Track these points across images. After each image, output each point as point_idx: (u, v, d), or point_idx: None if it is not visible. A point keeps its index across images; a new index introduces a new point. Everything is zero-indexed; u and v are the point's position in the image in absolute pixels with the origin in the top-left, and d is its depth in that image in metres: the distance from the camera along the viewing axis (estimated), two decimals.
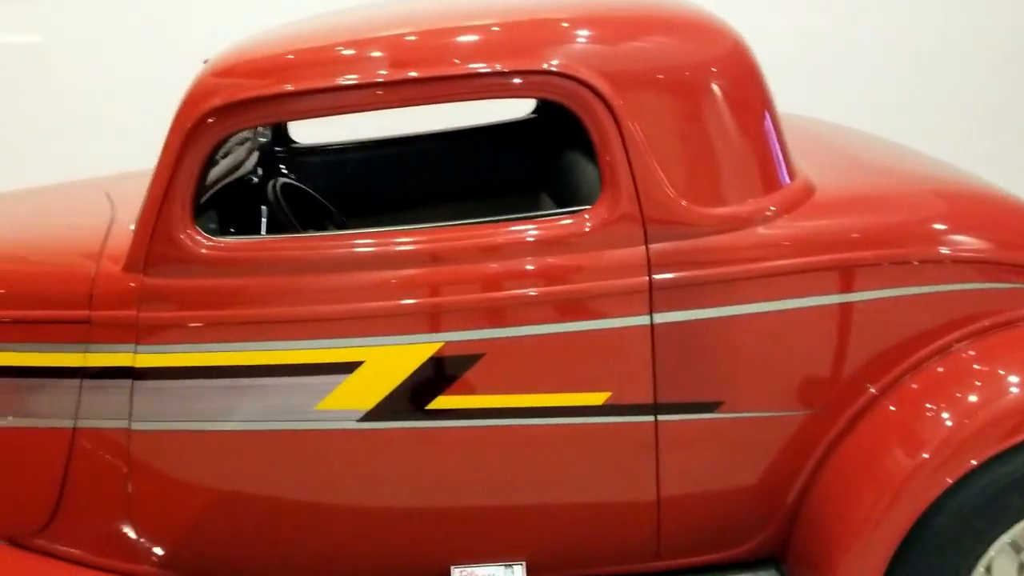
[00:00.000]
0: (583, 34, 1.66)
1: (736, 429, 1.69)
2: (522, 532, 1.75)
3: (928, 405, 1.66)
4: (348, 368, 1.63)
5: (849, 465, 1.68)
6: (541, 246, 1.62)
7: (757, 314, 1.64)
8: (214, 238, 1.63)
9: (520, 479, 1.70)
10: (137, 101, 2.79)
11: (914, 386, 1.69)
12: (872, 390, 1.70)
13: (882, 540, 1.59)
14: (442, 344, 1.61)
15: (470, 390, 1.64)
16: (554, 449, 1.68)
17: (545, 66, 1.58)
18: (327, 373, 1.63)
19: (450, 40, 1.66)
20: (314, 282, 1.62)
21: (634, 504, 1.72)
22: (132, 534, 1.76)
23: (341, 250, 1.64)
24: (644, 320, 1.61)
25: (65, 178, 2.37)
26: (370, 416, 1.65)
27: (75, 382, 1.70)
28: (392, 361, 1.62)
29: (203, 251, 1.62)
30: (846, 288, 1.66)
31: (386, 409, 1.64)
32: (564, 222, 1.63)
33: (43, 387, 1.72)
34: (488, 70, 1.58)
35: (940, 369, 1.68)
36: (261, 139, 2.52)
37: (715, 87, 1.66)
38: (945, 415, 1.63)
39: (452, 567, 1.74)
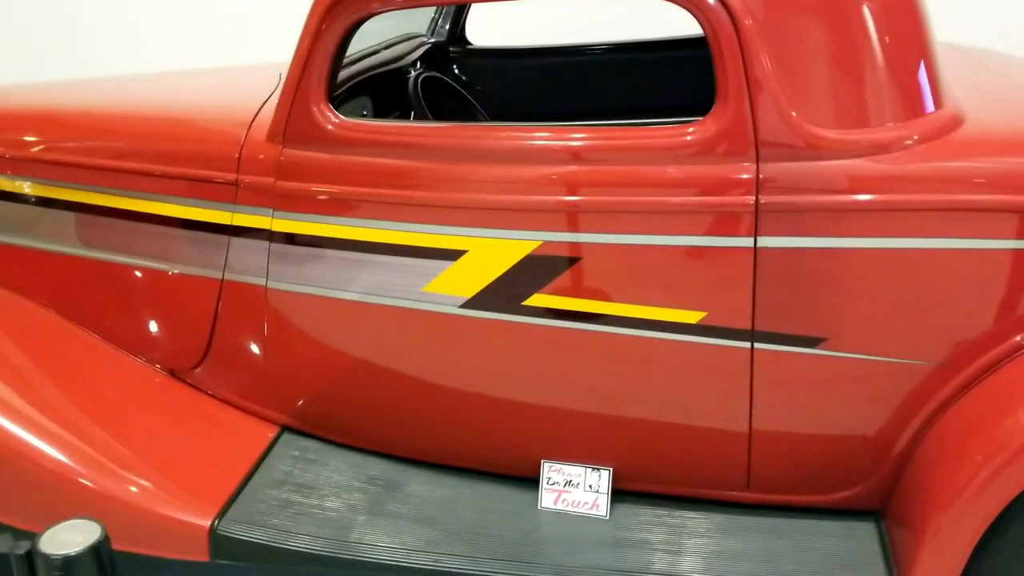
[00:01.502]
0: None
1: (838, 369, 1.60)
2: (610, 439, 1.77)
3: None
4: (453, 255, 1.70)
5: (962, 423, 1.56)
6: (641, 155, 1.58)
7: (875, 250, 1.53)
8: (341, 117, 1.74)
9: (609, 387, 1.72)
10: None
11: None
12: (1000, 348, 1.55)
13: (984, 504, 1.46)
14: (540, 243, 1.64)
15: (565, 292, 1.66)
16: (644, 362, 1.68)
17: None
18: (433, 258, 1.71)
19: None
20: (425, 169, 1.69)
21: (724, 432, 1.69)
22: (267, 382, 1.96)
23: (449, 140, 1.69)
24: (747, 242, 1.55)
25: None
26: (471, 304, 1.71)
27: (224, 238, 1.89)
28: (493, 253, 1.67)
29: (330, 127, 1.73)
30: (985, 234, 1.51)
31: (486, 299, 1.70)
32: (665, 132, 1.58)
33: (200, 240, 1.93)
34: None
35: None
36: (436, 39, 2.61)
37: (863, 7, 1.52)
38: None
39: (543, 461, 1.80)
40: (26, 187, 2.12)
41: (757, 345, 1.61)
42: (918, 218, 1.51)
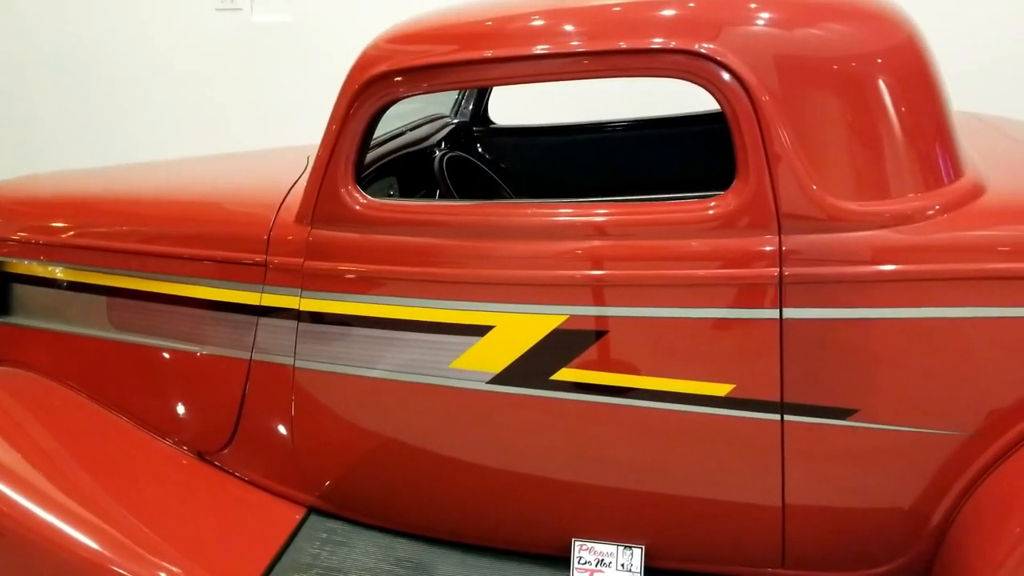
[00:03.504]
0: (745, 16, 1.59)
1: (870, 441, 1.58)
2: (642, 516, 1.74)
3: None
4: (480, 331, 1.70)
5: (999, 494, 1.52)
6: (664, 229, 1.60)
7: (903, 320, 1.53)
8: (368, 197, 1.77)
9: (639, 462, 1.70)
10: None
11: None
12: None
13: None
14: (566, 317, 1.65)
15: (592, 366, 1.66)
16: (674, 436, 1.66)
17: (696, 47, 1.56)
18: (461, 334, 1.72)
19: (597, 14, 1.65)
20: (451, 246, 1.71)
21: (757, 506, 1.66)
22: (294, 462, 1.95)
23: (474, 218, 1.72)
24: (772, 314, 1.55)
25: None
26: (498, 380, 1.72)
27: (253, 319, 1.91)
28: (520, 329, 1.68)
29: (357, 208, 1.77)
30: (1012, 302, 1.50)
31: (513, 375, 1.70)
32: (688, 207, 1.60)
33: (228, 321, 1.95)
34: (630, 48, 1.57)
35: None
36: (460, 119, 2.67)
37: (879, 80, 1.55)
38: None
39: (574, 540, 1.77)
40: (57, 272, 2.17)
41: (787, 417, 1.60)
42: (944, 287, 1.51)
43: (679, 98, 2.42)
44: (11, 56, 3.67)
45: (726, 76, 1.54)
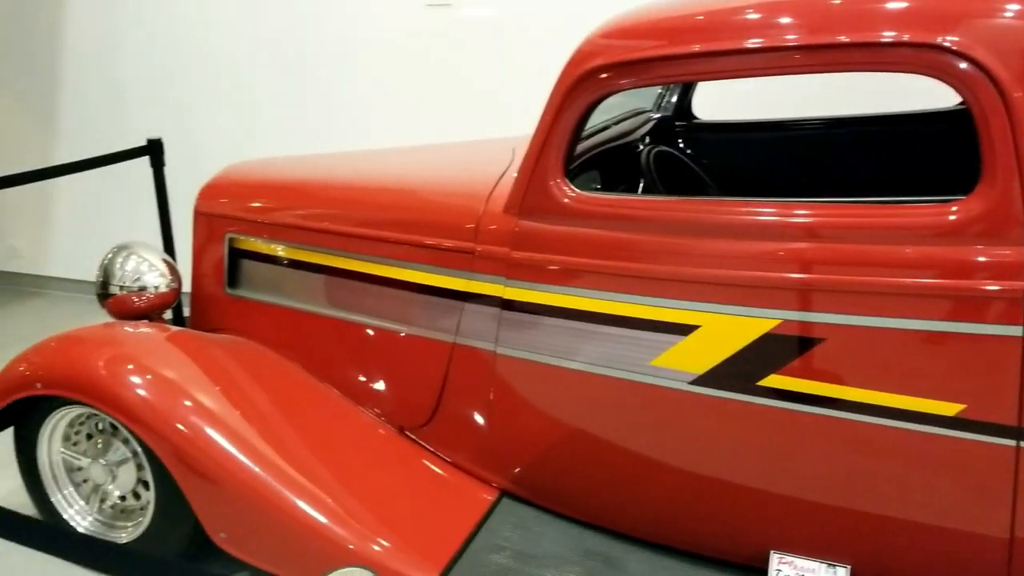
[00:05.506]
0: (990, 8, 1.46)
1: None
2: (848, 534, 1.65)
3: None
4: (684, 330, 1.67)
5: None
6: (898, 233, 1.50)
7: None
8: (577, 191, 1.77)
9: (849, 478, 1.61)
10: None
11: None
12: None
13: None
14: (779, 322, 1.58)
15: (806, 374, 1.58)
16: (891, 455, 1.56)
17: (940, 40, 1.45)
18: (664, 332, 1.69)
19: (817, 5, 1.56)
20: (659, 243, 1.68)
21: (981, 536, 1.54)
22: (490, 446, 1.99)
23: (686, 215, 1.68)
24: (1015, 331, 1.43)
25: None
26: (701, 381, 1.68)
27: (459, 304, 1.96)
28: (727, 330, 1.63)
29: (566, 201, 1.77)
30: None
31: (717, 377, 1.66)
32: (927, 210, 1.49)
33: (434, 305, 2.01)
34: (871, 41, 1.48)
35: None
36: (663, 113, 2.63)
37: None
38: None
39: (772, 552, 1.71)
40: (278, 250, 2.31)
41: None
42: None
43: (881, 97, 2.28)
44: (240, 54, 3.95)
45: (973, 71, 1.43)
